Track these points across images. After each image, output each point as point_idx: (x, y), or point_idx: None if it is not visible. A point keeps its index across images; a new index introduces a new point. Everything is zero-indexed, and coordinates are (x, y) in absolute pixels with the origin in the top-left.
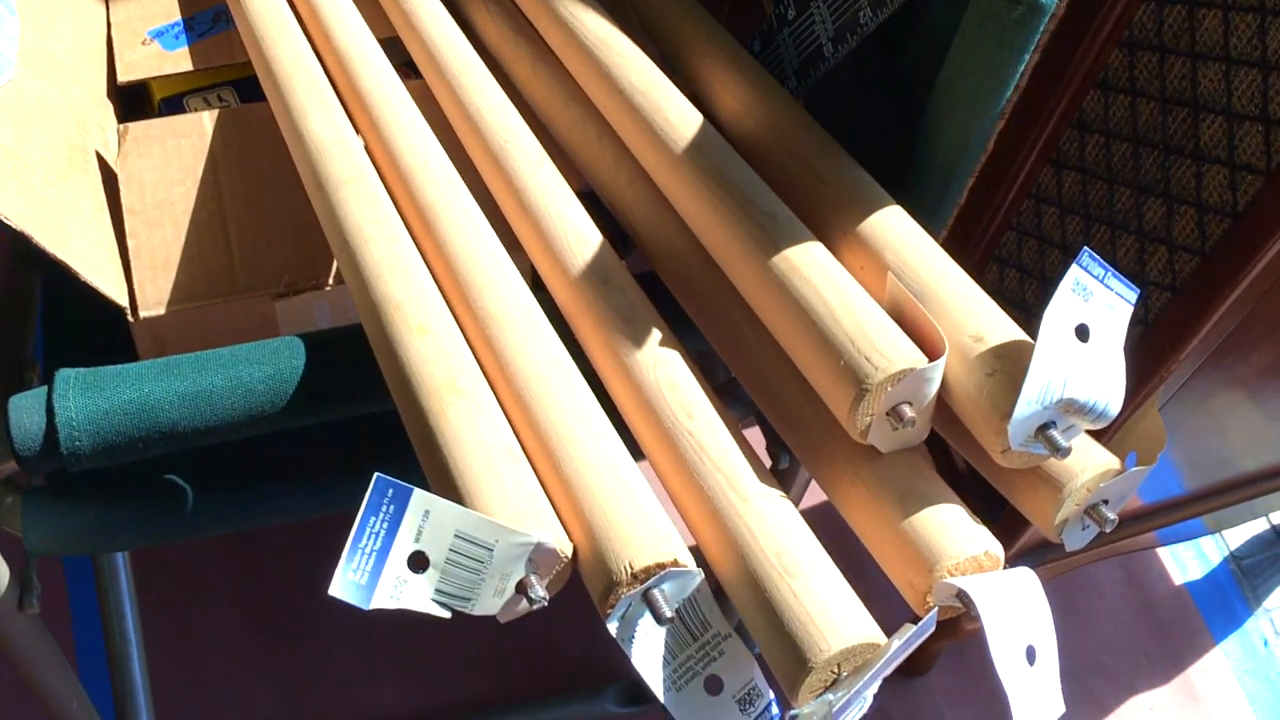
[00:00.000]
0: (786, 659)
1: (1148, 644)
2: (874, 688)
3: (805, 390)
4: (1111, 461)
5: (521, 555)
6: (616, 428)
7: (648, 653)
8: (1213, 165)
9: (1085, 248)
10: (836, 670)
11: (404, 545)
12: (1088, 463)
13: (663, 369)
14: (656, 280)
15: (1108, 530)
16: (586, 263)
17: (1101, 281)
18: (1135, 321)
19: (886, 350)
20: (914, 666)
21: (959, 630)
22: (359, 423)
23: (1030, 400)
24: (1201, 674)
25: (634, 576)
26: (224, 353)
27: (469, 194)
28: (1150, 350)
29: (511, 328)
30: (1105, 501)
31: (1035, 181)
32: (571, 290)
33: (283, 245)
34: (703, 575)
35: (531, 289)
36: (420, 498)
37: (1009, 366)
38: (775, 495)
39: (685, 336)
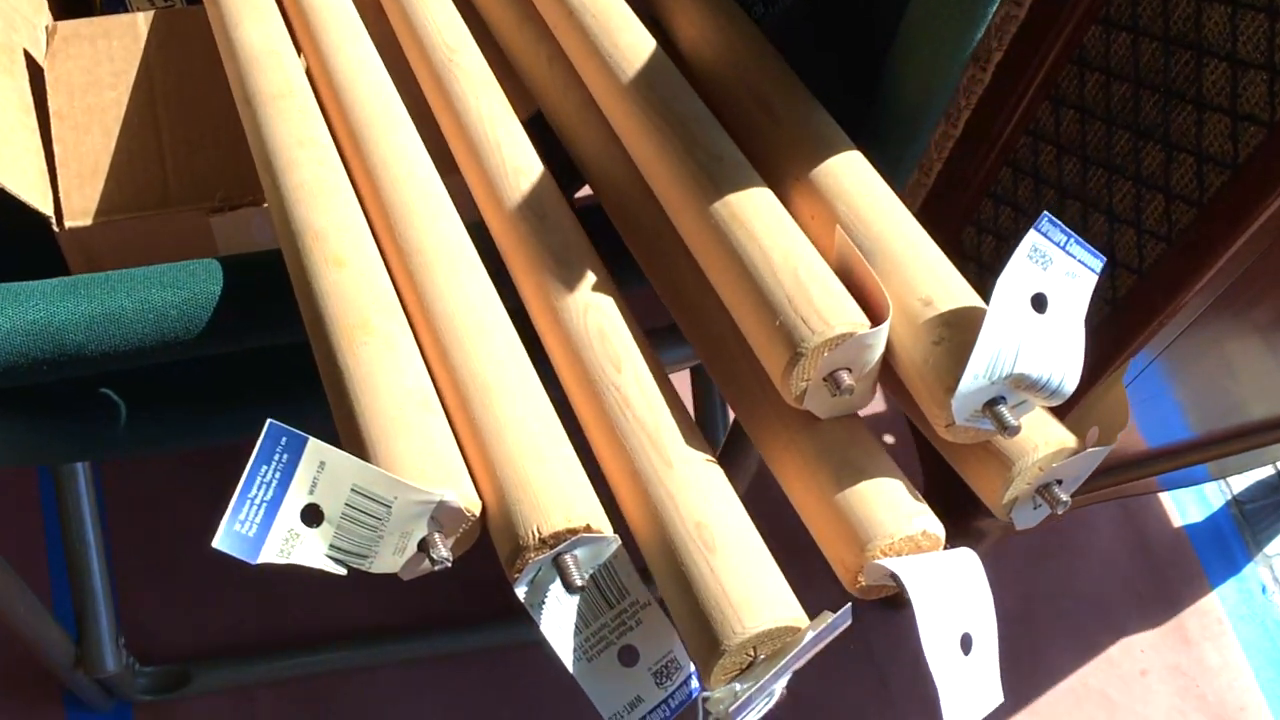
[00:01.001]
0: (700, 639)
1: (1141, 585)
2: (783, 681)
3: (744, 346)
4: (1067, 440)
5: (423, 513)
6: (551, 379)
7: (557, 620)
8: (1214, 113)
9: (1045, 212)
10: (753, 653)
11: (297, 497)
12: (1041, 440)
13: (594, 316)
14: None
15: (1060, 513)
16: (523, 196)
17: (1062, 248)
18: (1130, 271)
19: (826, 312)
20: (898, 599)
21: None
22: (296, 349)
23: (977, 374)
24: (1195, 618)
25: (542, 541)
26: (136, 274)
27: (407, 116)
28: (1142, 302)
29: (437, 263)
30: (1059, 481)
31: (1033, 117)
32: (506, 225)
33: (219, 157)
34: (619, 542)
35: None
36: (315, 448)
37: (958, 335)
38: (701, 460)
39: (631, 278)
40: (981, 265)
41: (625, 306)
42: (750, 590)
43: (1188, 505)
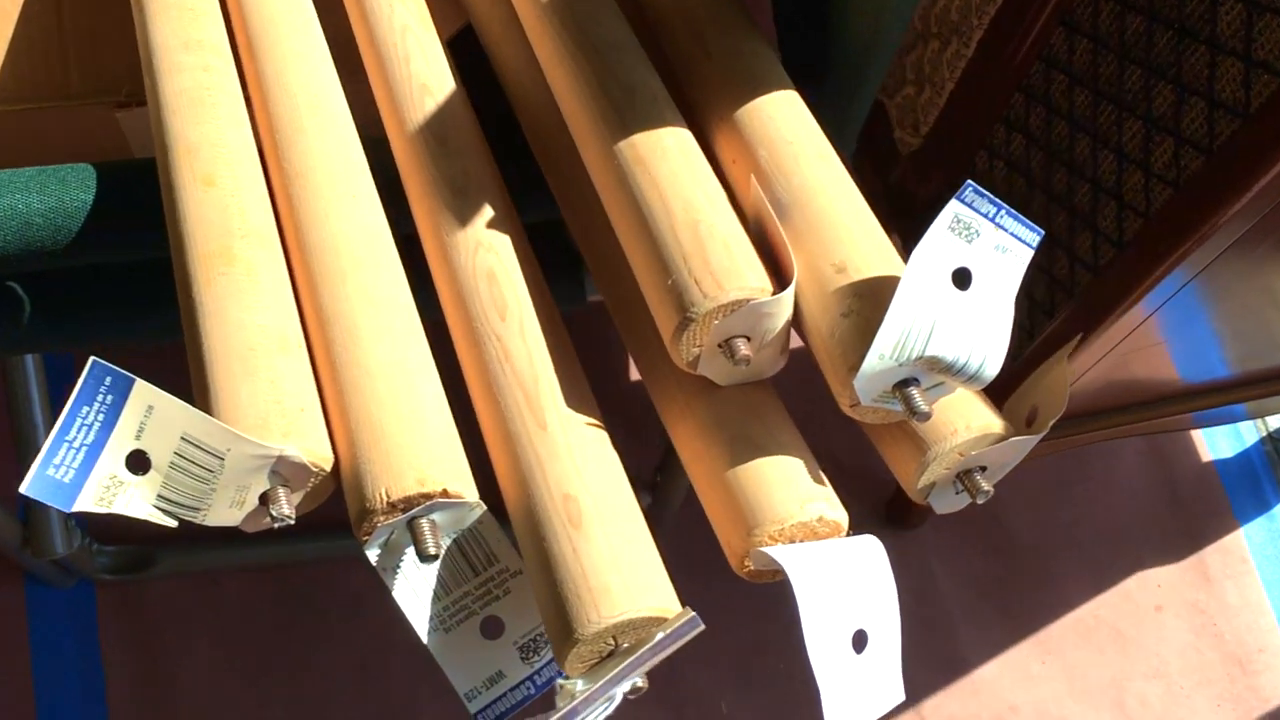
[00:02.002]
0: (555, 624)
1: (1164, 519)
2: (623, 686)
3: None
4: (991, 425)
5: (261, 467)
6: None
7: (413, 585)
8: (1228, 57)
9: (969, 181)
10: (614, 642)
11: (121, 442)
12: (962, 424)
13: (484, 256)
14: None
15: (980, 502)
16: (426, 117)
17: (991, 220)
18: (1137, 214)
19: (722, 275)
20: (905, 520)
21: None
22: None
23: (883, 354)
24: (1218, 555)
25: (391, 505)
26: (2, 175)
27: (315, 20)
28: (1146, 246)
29: (321, 188)
30: (982, 469)
31: (1047, 43)
32: (406, 147)
33: (126, 49)
34: (484, 509)
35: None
36: (143, 390)
37: (868, 309)
38: (580, 424)
39: (548, 213)
40: (994, 191)
41: (526, 248)
42: (614, 575)
43: (1219, 440)
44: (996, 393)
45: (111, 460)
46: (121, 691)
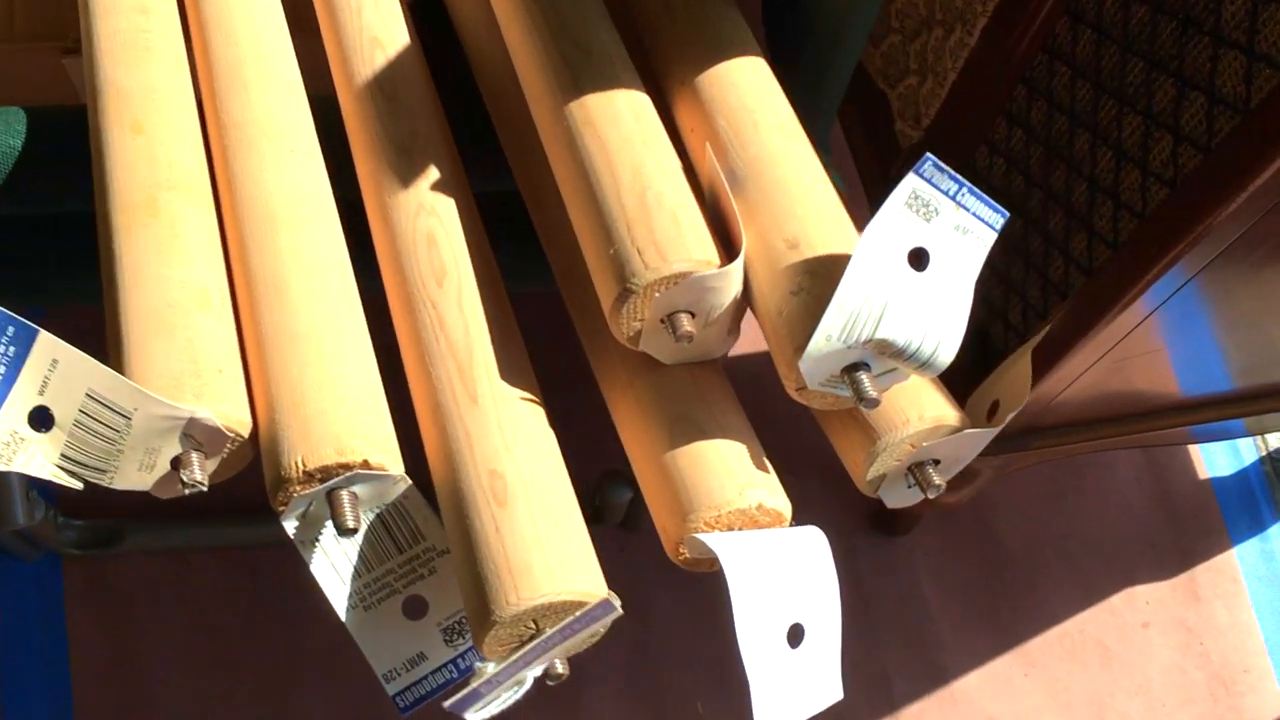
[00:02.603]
0: (474, 604)
1: (1156, 535)
2: (533, 670)
3: None
4: (946, 415)
5: (171, 429)
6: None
7: (332, 560)
8: (1230, 50)
9: (928, 154)
10: (535, 626)
11: (24, 397)
12: (914, 414)
13: (425, 220)
14: None
15: (931, 496)
16: (375, 72)
17: (952, 198)
18: (1133, 214)
19: (666, 245)
20: (893, 526)
21: (930, 501)
22: None
23: (830, 334)
24: (1209, 574)
25: (307, 475)
26: None
27: None
28: (1140, 247)
29: (257, 140)
30: (935, 462)
31: (1051, 33)
32: (352, 103)
33: None
34: (409, 483)
35: None
36: (47, 343)
37: (819, 287)
38: (514, 399)
39: (501, 177)
40: (992, 190)
41: (472, 214)
42: (536, 555)
43: (1217, 457)
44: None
45: (13, 415)
46: (86, 668)
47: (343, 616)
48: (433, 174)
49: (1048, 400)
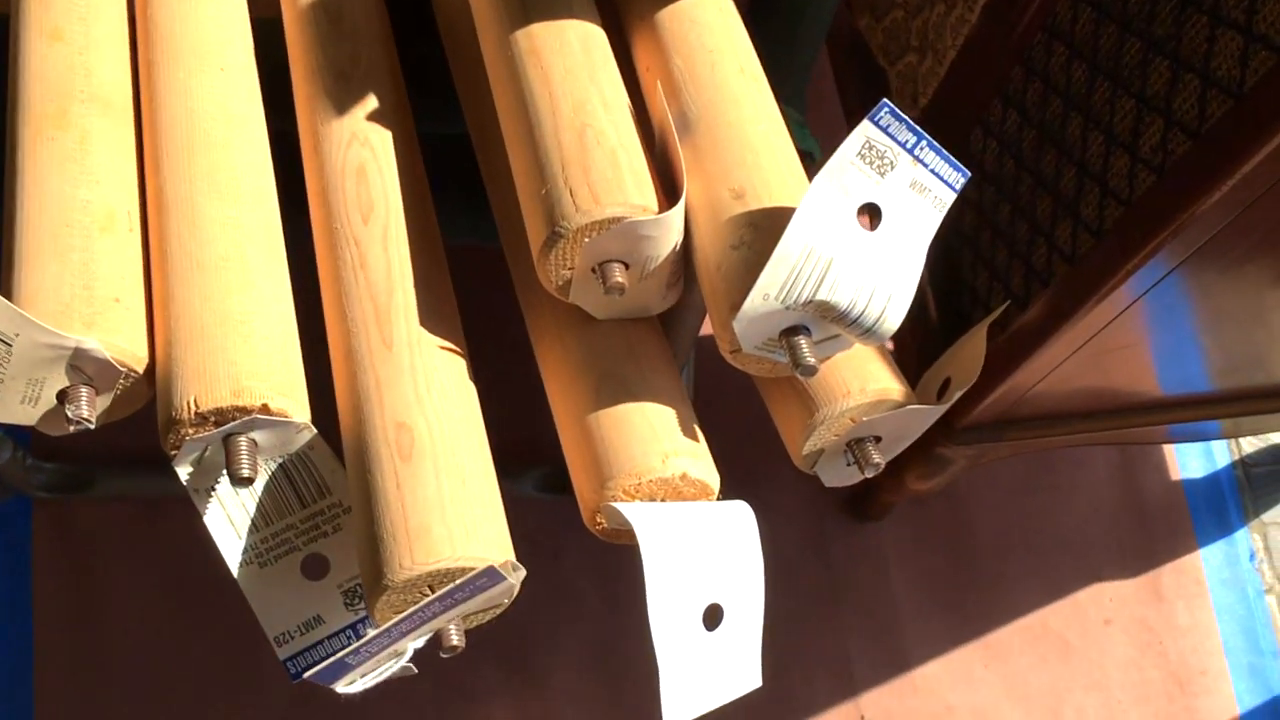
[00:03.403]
0: (367, 565)
1: (1124, 533)
2: (412, 640)
3: None
4: (890, 389)
5: (56, 359)
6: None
7: (228, 511)
8: (1228, 30)
9: (885, 101)
10: (430, 592)
11: None
12: (856, 386)
13: (356, 150)
14: None
15: (869, 475)
16: None
17: (910, 151)
18: (1119, 201)
19: (600, 187)
20: (866, 512)
21: (903, 489)
22: None
23: (769, 294)
24: (1173, 575)
25: (201, 417)
26: None
27: None
28: (1124, 235)
29: (183, 55)
30: (876, 439)
31: (1052, 10)
32: (295, 24)
33: None
34: (314, 432)
35: None
36: None
37: (761, 242)
38: (432, 347)
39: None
40: (983, 174)
41: (411, 150)
42: (437, 517)
43: (1190, 458)
44: None
45: None
46: (49, 612)
47: (235, 572)
48: (371, 103)
49: (1023, 391)
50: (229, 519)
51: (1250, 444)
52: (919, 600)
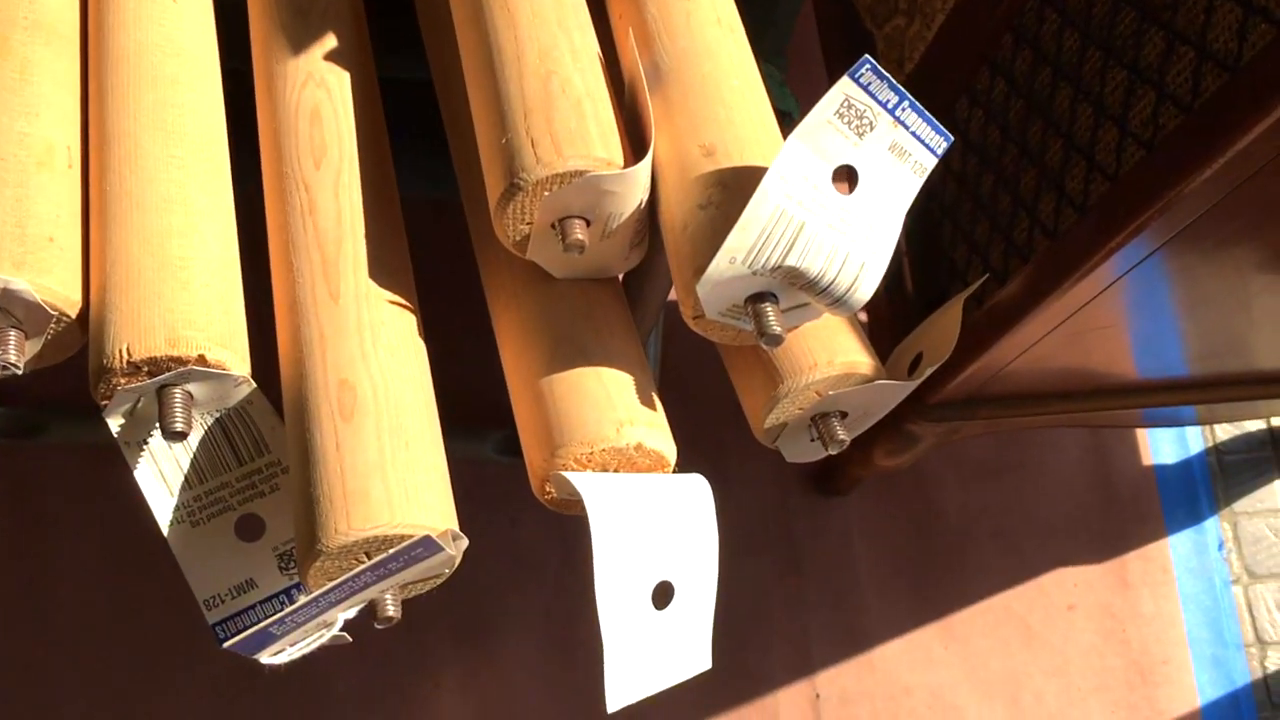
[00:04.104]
0: (303, 530)
1: (1092, 518)
2: (341, 610)
3: None
4: (859, 363)
5: None
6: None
7: (161, 466)
8: (1226, 0)
9: (867, 57)
10: (366, 559)
11: None
12: (823, 358)
13: (311, 91)
14: None
15: (833, 451)
16: None
17: (891, 112)
18: (1105, 176)
19: (563, 139)
20: (832, 486)
21: (870, 464)
22: None
23: (735, 257)
24: (1140, 562)
25: (134, 366)
26: None
27: None
28: (1107, 211)
29: None
30: (842, 415)
31: None
32: None
33: None
34: (253, 387)
35: None
36: None
37: (730, 202)
38: (381, 301)
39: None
40: (967, 144)
41: (370, 93)
42: (376, 480)
43: (1163, 444)
44: None
45: None
46: None
47: (165, 531)
48: (329, 42)
49: (998, 368)
50: (160, 474)
51: (1225, 431)
52: (881, 578)
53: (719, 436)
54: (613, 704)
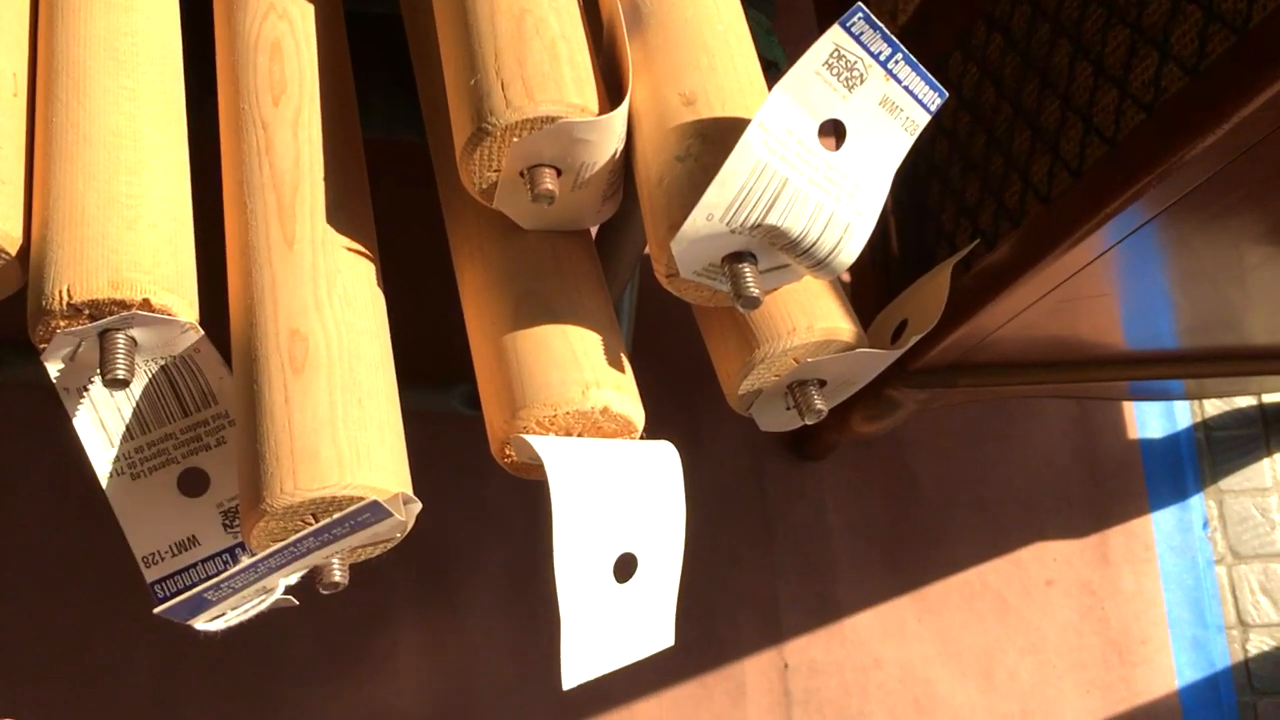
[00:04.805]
0: (247, 488)
1: (1075, 491)
2: (283, 575)
3: None
4: (839, 329)
5: None
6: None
7: (101, 414)
8: None
9: (859, 4)
10: (314, 521)
11: None
12: (803, 323)
13: (273, 24)
14: None
15: (810, 421)
16: None
17: (883, 64)
18: (1102, 139)
19: (535, 82)
20: (808, 451)
21: (848, 430)
22: None
23: (713, 213)
24: (1122, 538)
25: (74, 308)
26: None
27: None
28: (1103, 178)
29: None
30: (820, 383)
31: None
32: None
33: None
34: (201, 334)
35: None
36: None
37: (709, 154)
38: (338, 248)
39: None
40: (960, 101)
41: (336, 27)
42: (326, 438)
43: (1150, 418)
44: None
45: None
46: None
47: (103, 483)
48: None
49: (983, 335)
50: (100, 423)
51: (1214, 407)
52: (855, 547)
53: (692, 396)
54: (569, 680)
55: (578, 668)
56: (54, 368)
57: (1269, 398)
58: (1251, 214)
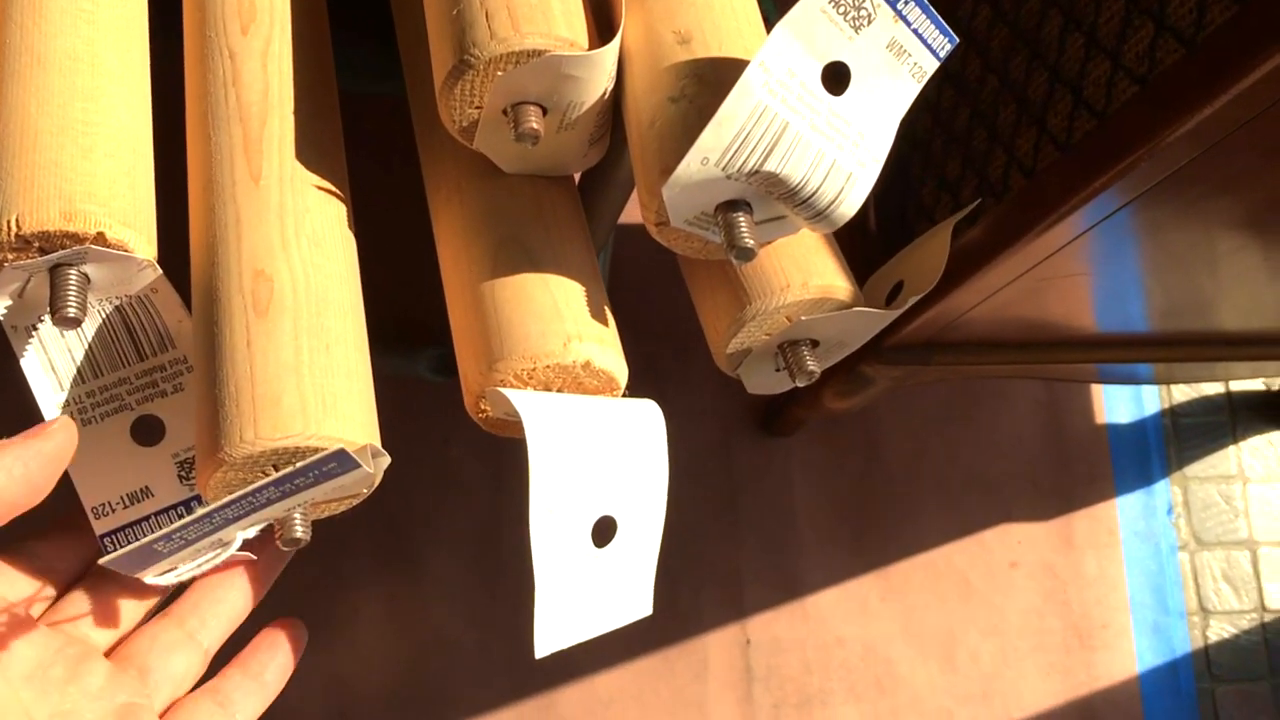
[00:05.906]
0: (205, 436)
1: (1041, 474)
2: (240, 529)
3: None
4: (836, 287)
5: None
6: None
7: (51, 355)
8: None
9: None
10: (275, 472)
11: None
12: (798, 279)
13: None
14: None
15: (801, 384)
16: None
17: (892, 6)
18: (1093, 113)
19: (522, 12)
20: (776, 426)
21: (818, 405)
22: None
23: (709, 158)
24: (1087, 522)
25: (23, 240)
26: None
27: None
28: (1093, 151)
29: None
30: (813, 343)
31: None
32: None
33: None
34: (159, 273)
35: None
36: None
37: (705, 96)
38: (307, 185)
39: None
40: (945, 73)
41: None
42: (290, 384)
43: (1118, 403)
44: None
45: None
46: None
47: None
48: None
49: (959, 313)
50: (50, 365)
51: (1181, 393)
52: (820, 524)
53: (659, 364)
54: (541, 649)
55: (551, 636)
56: (0, 304)
57: (1236, 385)
58: (1225, 200)
